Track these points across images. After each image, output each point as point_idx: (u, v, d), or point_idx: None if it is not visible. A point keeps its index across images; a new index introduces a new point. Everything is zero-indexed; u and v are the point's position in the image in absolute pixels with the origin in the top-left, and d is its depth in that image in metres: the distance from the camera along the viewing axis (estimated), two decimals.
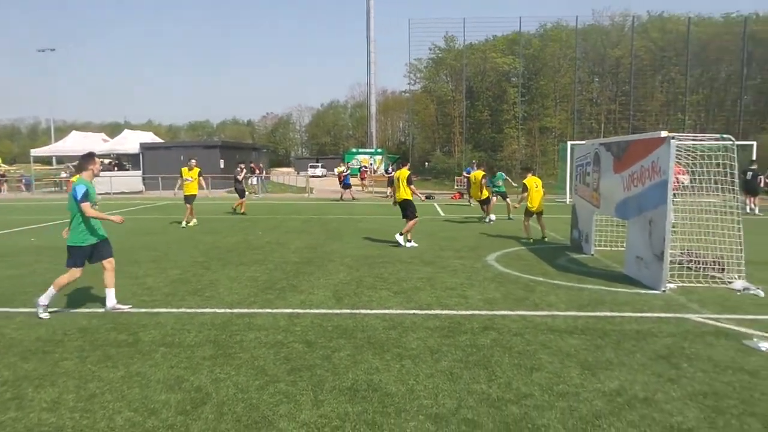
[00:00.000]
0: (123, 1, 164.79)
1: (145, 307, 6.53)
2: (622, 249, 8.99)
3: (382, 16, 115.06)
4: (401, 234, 11.05)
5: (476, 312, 6.33)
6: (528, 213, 12.04)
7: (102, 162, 38.26)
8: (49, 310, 6.17)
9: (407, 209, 11.17)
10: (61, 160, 38.52)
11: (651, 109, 43.10)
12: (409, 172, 11.29)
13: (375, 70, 56.31)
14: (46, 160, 39.37)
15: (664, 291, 7.20)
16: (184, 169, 15.82)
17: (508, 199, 17.03)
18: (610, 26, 46.13)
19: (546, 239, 11.96)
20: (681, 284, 7.53)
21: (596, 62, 46.82)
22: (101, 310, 6.41)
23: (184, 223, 15.13)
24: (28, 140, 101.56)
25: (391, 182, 28.89)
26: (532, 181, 12.16)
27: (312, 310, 6.36)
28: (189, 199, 15.41)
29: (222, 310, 6.36)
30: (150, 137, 41.17)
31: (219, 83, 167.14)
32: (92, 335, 5.52)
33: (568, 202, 20.49)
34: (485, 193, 16.03)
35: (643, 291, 7.29)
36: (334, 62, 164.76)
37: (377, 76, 58.00)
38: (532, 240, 11.82)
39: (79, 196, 5.94)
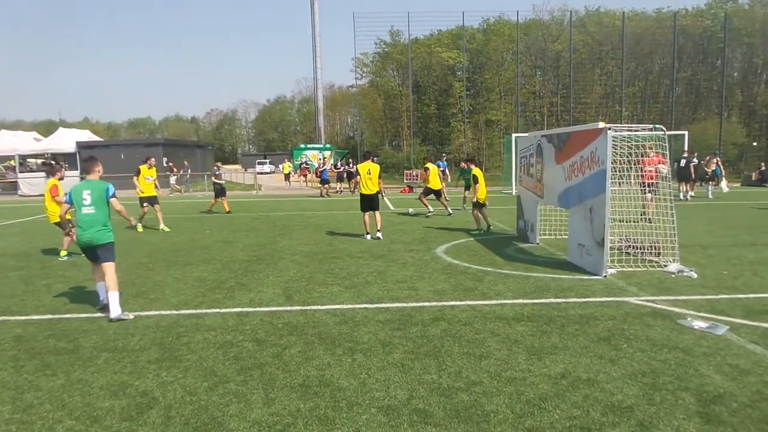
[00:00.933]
0: None
1: (85, 313, 6.27)
2: (566, 237, 9.29)
3: (327, 9, 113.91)
4: (379, 230, 11.45)
5: (426, 303, 6.41)
6: (478, 204, 12.27)
7: (36, 162, 36.50)
8: None
9: (376, 202, 11.60)
10: None
11: (591, 102, 44.73)
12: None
13: (321, 65, 55.75)
14: None
15: (605, 276, 7.49)
16: (144, 167, 14.05)
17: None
18: (550, 21, 47.50)
19: (492, 229, 12.24)
20: (621, 269, 7.86)
21: (538, 56, 48.17)
22: (37, 317, 6.12)
23: (163, 227, 13.46)
24: None
25: (341, 178, 28.80)
26: (480, 173, 12.46)
27: (262, 309, 6.27)
28: (153, 200, 13.84)
29: (168, 312, 6.19)
30: (87, 135, 39.49)
31: (160, 79, 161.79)
32: (28, 343, 5.26)
33: (513, 194, 20.99)
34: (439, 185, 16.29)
35: (586, 277, 7.56)
36: (279, 57, 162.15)
37: (324, 70, 57.80)
38: (482, 231, 12.05)
39: (112, 191, 6.33)
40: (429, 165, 16.56)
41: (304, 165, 35.34)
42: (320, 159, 35.38)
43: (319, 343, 5.11)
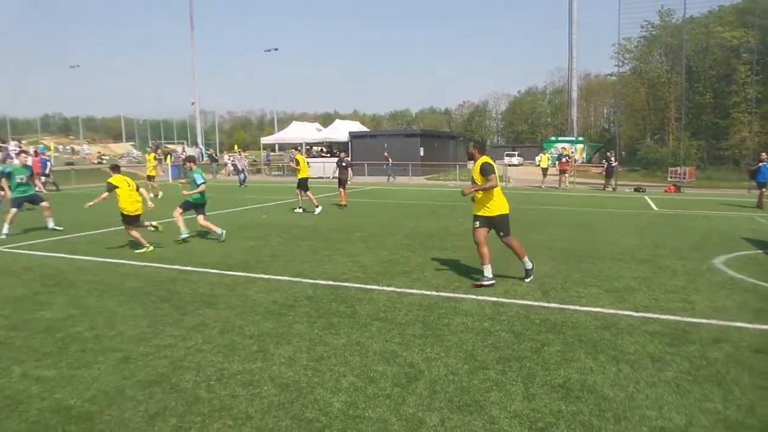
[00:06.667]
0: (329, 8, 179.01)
1: (359, 283, 7.08)
2: None
3: None
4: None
5: (704, 320, 5.63)
6: None
7: (313, 149, 42.35)
8: (279, 278, 7.04)
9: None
10: (282, 147, 43.48)
11: None
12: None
13: (577, 53, 53.14)
14: (270, 147, 44.89)
15: None
16: (300, 157, 16.21)
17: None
18: None
19: None
20: None
21: None
22: (322, 282, 7.11)
23: (318, 210, 14.88)
24: (257, 130, 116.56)
25: (610, 172, 26.92)
26: None
27: (517, 301, 6.27)
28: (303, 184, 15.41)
29: (429, 292, 6.61)
30: (357, 126, 44.30)
31: (418, 74, 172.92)
32: (317, 304, 6.15)
33: None
34: None
35: None
36: (532, 46, 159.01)
37: (579, 59, 54.48)
38: None
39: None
40: None
41: (564, 158, 29.08)
42: (572, 152, 33.48)
43: (580, 345, 4.89)
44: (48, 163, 26.88)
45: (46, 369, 4.39)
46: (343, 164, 17.60)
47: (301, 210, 15.30)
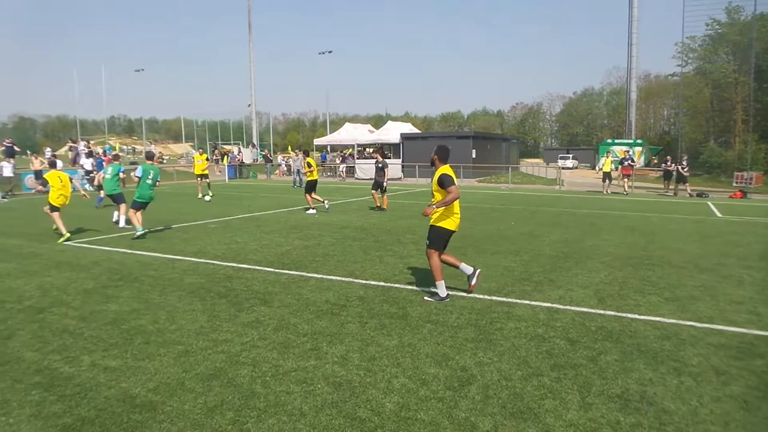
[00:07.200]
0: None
1: (410, 285, 7.09)
2: None
3: None
4: None
5: None
6: None
7: (366, 150, 42.66)
8: (331, 277, 7.14)
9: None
10: (335, 148, 43.96)
11: None
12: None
13: (637, 53, 51.28)
14: (323, 149, 45.52)
15: None
16: (311, 160, 16.35)
17: None
18: None
19: None
20: None
21: None
22: (373, 282, 7.16)
23: (312, 211, 15.38)
24: (309, 131, 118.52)
25: (668, 175, 25.82)
26: None
27: (572, 308, 6.12)
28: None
29: (481, 296, 6.54)
30: (409, 128, 44.27)
31: (470, 74, 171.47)
32: (368, 304, 6.20)
33: None
34: None
35: None
36: (589, 46, 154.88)
37: (639, 59, 52.45)
38: None
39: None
40: None
41: (627, 162, 26.00)
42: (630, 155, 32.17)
43: (639, 355, 4.74)
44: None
45: (113, 359, 4.61)
46: (380, 165, 16.60)
47: (314, 211, 15.42)
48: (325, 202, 15.79)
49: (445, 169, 6.43)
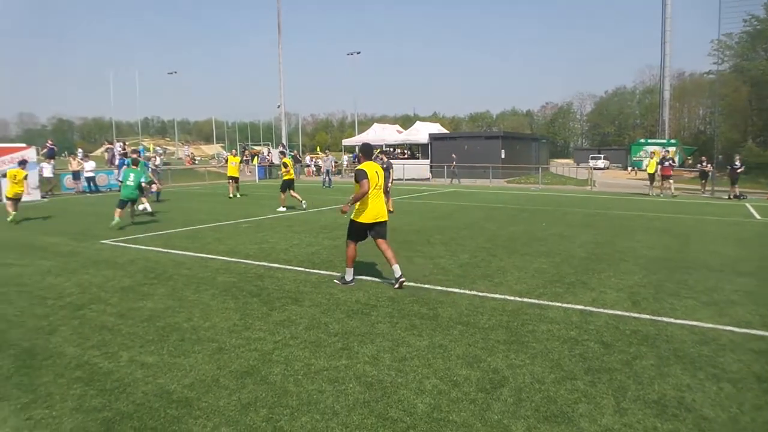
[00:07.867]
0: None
1: (440, 285, 7.07)
2: None
3: None
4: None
5: None
6: None
7: (392, 150, 42.67)
8: (361, 277, 7.15)
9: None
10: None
11: None
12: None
13: (670, 51, 50.09)
14: (351, 149, 45.75)
15: None
16: (288, 160, 17.12)
17: None
18: None
19: None
20: None
21: None
22: (404, 283, 7.14)
23: (282, 209, 16.05)
24: (338, 132, 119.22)
25: (704, 175, 25.19)
26: None
27: (606, 310, 6.02)
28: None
29: (512, 298, 6.48)
30: (437, 128, 44.14)
31: (498, 74, 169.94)
32: (399, 305, 6.20)
33: None
34: None
35: None
36: (621, 44, 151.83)
37: (672, 56, 51.23)
38: None
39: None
40: None
41: (668, 163, 24.09)
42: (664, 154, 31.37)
43: (675, 360, 4.63)
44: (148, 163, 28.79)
45: (149, 355, 4.72)
46: (384, 166, 15.30)
47: (304, 206, 16.27)
48: (303, 202, 16.42)
49: (365, 165, 6.82)
